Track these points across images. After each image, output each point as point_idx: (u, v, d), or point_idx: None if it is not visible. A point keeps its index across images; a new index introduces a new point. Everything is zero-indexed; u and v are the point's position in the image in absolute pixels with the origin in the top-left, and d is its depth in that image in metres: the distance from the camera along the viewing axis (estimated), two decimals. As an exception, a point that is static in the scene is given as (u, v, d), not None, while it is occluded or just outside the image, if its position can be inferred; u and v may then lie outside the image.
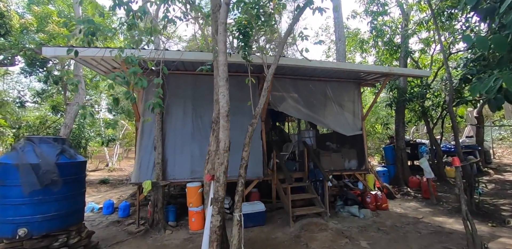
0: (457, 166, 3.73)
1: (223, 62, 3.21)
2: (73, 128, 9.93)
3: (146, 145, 5.38)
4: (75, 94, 7.57)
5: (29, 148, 3.64)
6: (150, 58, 3.52)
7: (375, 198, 5.95)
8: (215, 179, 3.17)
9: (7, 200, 3.37)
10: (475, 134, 8.47)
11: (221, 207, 3.12)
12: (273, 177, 5.89)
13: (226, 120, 3.12)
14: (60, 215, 3.64)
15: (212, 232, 3.08)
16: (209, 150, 3.56)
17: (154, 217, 5.14)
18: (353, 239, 4.47)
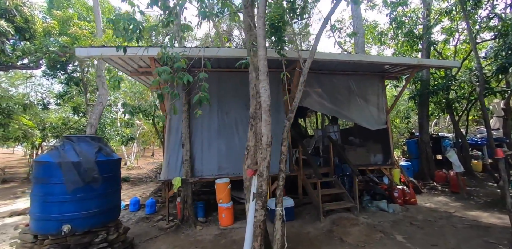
0: (500, 158, 3.60)
1: (263, 57, 3.17)
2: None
3: (174, 142, 5.41)
4: (98, 94, 7.67)
5: (69, 147, 3.70)
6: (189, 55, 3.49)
7: (403, 192, 5.82)
8: (258, 173, 3.14)
9: (51, 198, 3.44)
10: (502, 125, 8.16)
11: (265, 202, 3.11)
12: (299, 172, 5.84)
13: (268, 115, 3.08)
14: (100, 211, 3.69)
15: (256, 226, 3.08)
16: (248, 145, 3.52)
17: (184, 213, 5.17)
18: (387, 233, 4.39)
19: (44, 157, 3.66)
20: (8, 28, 7.03)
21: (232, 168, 5.46)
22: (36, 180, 3.56)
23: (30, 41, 8.03)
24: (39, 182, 3.51)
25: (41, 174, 3.52)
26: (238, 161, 5.52)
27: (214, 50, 4.46)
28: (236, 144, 5.55)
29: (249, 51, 3.65)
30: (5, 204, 7.68)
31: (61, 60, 8.83)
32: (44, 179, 3.48)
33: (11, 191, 9.17)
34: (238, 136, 5.60)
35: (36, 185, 3.55)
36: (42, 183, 3.49)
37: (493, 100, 8.53)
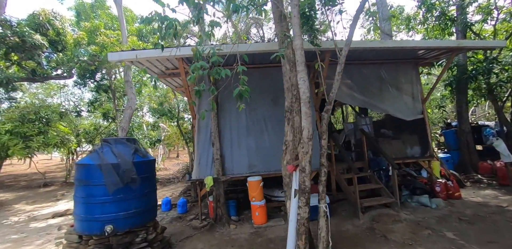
0: None
1: (299, 46, 3.03)
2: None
3: (204, 141, 5.38)
4: (126, 98, 7.87)
5: (107, 149, 3.76)
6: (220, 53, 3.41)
7: (445, 186, 5.42)
8: (301, 169, 3.01)
9: (93, 199, 3.49)
10: None
11: (309, 198, 2.97)
12: (332, 168, 5.61)
13: (308, 107, 2.96)
14: (139, 212, 3.71)
15: (300, 224, 2.96)
16: (286, 140, 3.38)
17: (217, 212, 5.13)
18: (434, 230, 4.08)
19: (84, 159, 3.74)
20: (43, 41, 7.40)
21: (262, 165, 5.35)
22: (78, 182, 3.64)
23: (62, 53, 8.42)
24: (81, 184, 3.58)
25: (82, 176, 3.60)
26: (268, 158, 5.41)
27: (245, 45, 4.36)
28: (266, 141, 5.44)
29: (280, 43, 3.51)
30: (48, 206, 8.11)
31: (91, 69, 9.17)
32: (86, 181, 3.55)
33: (52, 194, 9.69)
34: (267, 132, 5.48)
35: (79, 187, 3.64)
36: (84, 185, 3.56)
37: None
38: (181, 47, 3.92)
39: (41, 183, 10.79)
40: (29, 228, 6.19)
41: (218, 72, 2.75)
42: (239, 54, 3.19)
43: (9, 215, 7.45)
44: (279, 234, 4.42)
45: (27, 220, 6.91)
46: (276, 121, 5.52)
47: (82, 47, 8.74)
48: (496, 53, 6.64)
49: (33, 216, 7.19)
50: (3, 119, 7.25)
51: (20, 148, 6.50)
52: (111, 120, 12.25)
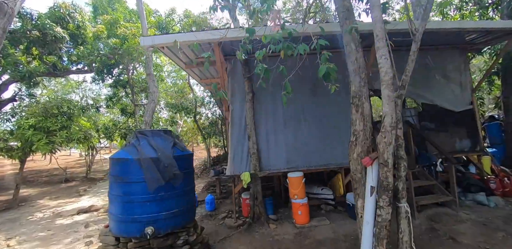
0: None
1: (379, 19, 2.51)
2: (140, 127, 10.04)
3: (237, 134, 4.90)
4: (149, 92, 7.44)
5: (144, 142, 3.30)
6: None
7: (501, 183, 4.82)
8: (382, 162, 2.50)
9: (132, 197, 3.05)
10: None
11: (391, 197, 2.47)
12: (374, 163, 5.06)
13: (391, 89, 2.42)
14: (180, 211, 3.27)
15: (381, 227, 2.48)
16: (355, 130, 2.86)
17: (254, 210, 4.67)
18: (507, 232, 3.52)
19: (120, 153, 3.28)
20: (64, 34, 7.00)
21: (301, 160, 4.85)
22: (114, 178, 3.20)
23: (82, 46, 8.03)
24: (118, 180, 3.14)
25: (119, 172, 3.16)
26: (308, 153, 4.89)
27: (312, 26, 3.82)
28: (304, 134, 4.92)
29: (343, 20, 2.97)
30: (71, 202, 7.81)
31: (110, 62, 8.77)
32: (123, 177, 3.10)
33: (74, 190, 9.41)
34: (306, 125, 4.96)
35: (114, 184, 3.20)
36: (121, 181, 3.11)
37: None
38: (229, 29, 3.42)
39: (63, 179, 10.54)
40: (55, 225, 5.85)
41: (290, 48, 2.24)
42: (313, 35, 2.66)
43: (34, 211, 7.16)
44: (328, 235, 3.93)
45: (53, 216, 6.59)
46: (316, 113, 5.00)
47: (102, 40, 8.32)
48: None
49: (57, 212, 6.87)
50: (26, 114, 6.90)
51: (44, 143, 6.14)
52: (129, 115, 11.90)
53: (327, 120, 4.99)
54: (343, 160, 4.90)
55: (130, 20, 9.65)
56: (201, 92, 13.68)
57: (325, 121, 4.98)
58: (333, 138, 4.92)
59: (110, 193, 3.28)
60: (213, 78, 6.76)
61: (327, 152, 4.89)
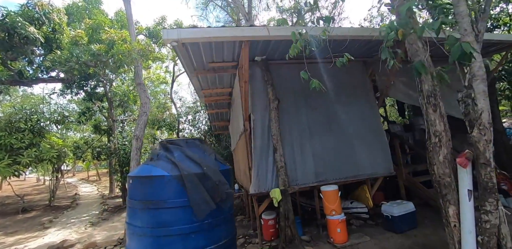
0: None
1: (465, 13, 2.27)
2: (125, 144, 8.72)
3: (261, 147, 4.23)
4: (141, 103, 6.43)
5: (178, 153, 2.50)
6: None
7: (511, 184, 4.84)
8: (484, 162, 2.16)
9: (171, 230, 2.18)
10: None
11: (498, 200, 2.16)
12: (399, 171, 4.77)
13: (485, 85, 2.17)
14: (230, 241, 2.46)
15: (490, 234, 2.14)
16: (437, 131, 2.53)
17: (286, 232, 3.93)
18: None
19: (148, 169, 2.41)
20: (38, 35, 5.81)
21: (330, 172, 4.33)
22: (141, 204, 2.30)
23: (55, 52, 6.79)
24: (149, 207, 2.26)
25: (150, 194, 2.28)
26: (337, 164, 4.39)
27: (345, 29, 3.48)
28: (331, 144, 4.46)
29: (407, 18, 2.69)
30: (35, 237, 6.07)
31: (88, 72, 7.59)
32: (157, 202, 2.24)
33: (36, 221, 7.51)
34: (332, 134, 4.52)
35: (142, 212, 2.30)
36: (154, 208, 2.24)
37: None
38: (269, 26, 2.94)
39: (19, 208, 8.39)
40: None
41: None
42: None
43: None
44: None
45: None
46: (340, 121, 4.61)
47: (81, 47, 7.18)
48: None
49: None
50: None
51: (5, 164, 4.69)
52: (103, 132, 10.36)
53: (352, 129, 4.63)
54: (371, 170, 4.52)
55: (112, 28, 8.64)
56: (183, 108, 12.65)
57: (350, 130, 4.61)
58: (360, 147, 4.55)
59: (131, 225, 2.35)
60: (216, 88, 6.09)
61: (356, 162, 4.47)
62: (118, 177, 8.90)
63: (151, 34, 8.15)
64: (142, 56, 6.61)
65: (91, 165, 18.34)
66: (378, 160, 4.56)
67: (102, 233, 5.83)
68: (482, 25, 2.52)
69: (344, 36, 3.42)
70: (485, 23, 2.76)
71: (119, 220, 7.47)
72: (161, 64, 11.83)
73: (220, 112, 8.18)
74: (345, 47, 3.86)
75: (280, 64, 4.72)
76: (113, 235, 5.77)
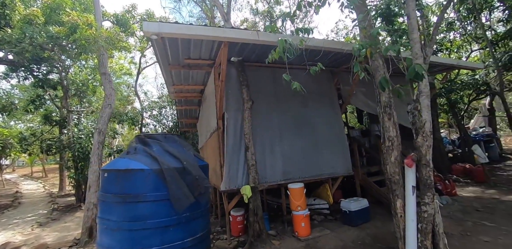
0: None
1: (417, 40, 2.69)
2: (82, 138, 8.09)
3: (233, 145, 4.39)
4: (105, 95, 6.07)
5: (157, 148, 2.55)
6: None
7: (444, 185, 5.78)
8: (425, 163, 2.65)
9: (148, 223, 2.24)
10: (488, 124, 9.07)
11: (434, 194, 2.65)
12: (356, 172, 5.33)
13: (429, 100, 2.73)
14: (205, 235, 2.59)
15: (427, 222, 2.60)
16: (390, 136, 2.95)
17: (254, 228, 4.14)
18: (473, 221, 4.15)
19: (125, 162, 2.41)
20: (-18, 8, 5.11)
21: (297, 171, 4.68)
22: (116, 198, 2.30)
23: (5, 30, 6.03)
24: (125, 200, 2.27)
25: (128, 188, 2.30)
26: (304, 164, 4.77)
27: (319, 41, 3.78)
28: (299, 145, 4.81)
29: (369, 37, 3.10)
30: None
31: (42, 55, 6.91)
32: (135, 195, 2.26)
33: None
34: (300, 136, 4.87)
35: (117, 207, 2.30)
36: (131, 201, 2.26)
37: (480, 102, 9.50)
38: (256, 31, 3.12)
39: None
40: None
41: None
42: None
43: None
44: (337, 244, 3.80)
45: None
46: (307, 124, 5.00)
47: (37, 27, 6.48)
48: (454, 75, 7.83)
49: None
50: None
51: None
52: (54, 123, 9.44)
53: (318, 132, 5.05)
54: (333, 170, 4.99)
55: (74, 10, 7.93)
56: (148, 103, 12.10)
57: (316, 132, 5.03)
58: (324, 149, 4.99)
59: (104, 220, 2.33)
60: (188, 84, 6.06)
61: (320, 162, 4.89)
62: (72, 173, 8.18)
63: (119, 21, 7.64)
64: (109, 45, 6.26)
65: (36, 160, 16.34)
66: (339, 161, 5.06)
67: (52, 234, 5.37)
68: (430, 50, 3.02)
69: (317, 47, 3.76)
70: (431, 48, 3.30)
71: (72, 220, 6.92)
72: (126, 54, 11.17)
73: (189, 109, 8.10)
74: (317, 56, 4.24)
75: (255, 66, 4.93)
76: (66, 236, 5.35)
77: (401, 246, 2.78)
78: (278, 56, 2.76)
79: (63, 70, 8.37)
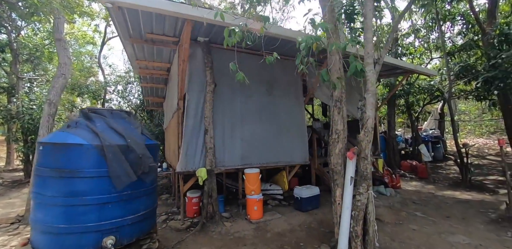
0: (502, 146, 4.23)
1: (371, 39, 2.78)
2: (33, 109, 7.47)
3: (192, 127, 4.36)
4: (59, 63, 5.56)
5: (101, 124, 2.45)
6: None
7: (391, 178, 6.34)
8: (363, 156, 2.81)
9: (86, 199, 2.19)
10: (437, 126, 9.96)
11: (369, 185, 2.86)
12: (313, 161, 5.62)
13: (375, 98, 2.90)
14: (148, 213, 2.61)
15: (360, 210, 2.85)
16: (337, 129, 3.09)
17: (207, 209, 4.25)
18: (407, 212, 4.65)
19: (64, 136, 2.30)
20: None
21: (255, 157, 4.81)
22: (52, 172, 2.21)
23: None
24: (61, 175, 2.19)
25: (64, 163, 2.21)
26: (262, 150, 4.91)
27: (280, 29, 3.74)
28: (259, 131, 4.92)
29: (330, 33, 3.16)
30: None
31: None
32: (72, 170, 2.19)
33: None
34: (261, 123, 4.97)
35: (52, 181, 2.22)
36: (68, 176, 2.19)
37: (434, 106, 10.30)
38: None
39: None
40: None
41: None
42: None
43: None
44: (285, 227, 4.05)
45: None
46: (270, 112, 5.10)
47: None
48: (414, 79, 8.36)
49: None
50: None
51: None
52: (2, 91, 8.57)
53: (279, 120, 5.17)
54: (290, 158, 5.20)
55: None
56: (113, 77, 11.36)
57: (277, 121, 5.15)
58: (284, 137, 5.15)
59: (40, 195, 2.24)
60: (153, 61, 5.76)
61: (279, 150, 5.06)
62: (20, 147, 7.58)
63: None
64: (66, 8, 5.67)
65: (-23, 130, 14.77)
66: (297, 150, 5.27)
67: (-6, 210, 5.06)
68: (384, 52, 3.17)
69: (279, 35, 3.74)
70: (386, 50, 3.44)
71: (18, 196, 6.52)
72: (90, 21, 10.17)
73: (156, 88, 7.77)
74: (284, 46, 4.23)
75: (222, 49, 4.76)
76: (9, 212, 5.05)
77: (336, 231, 3.04)
78: (236, 41, 2.71)
79: (12, 31, 7.47)
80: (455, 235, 3.66)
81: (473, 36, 7.21)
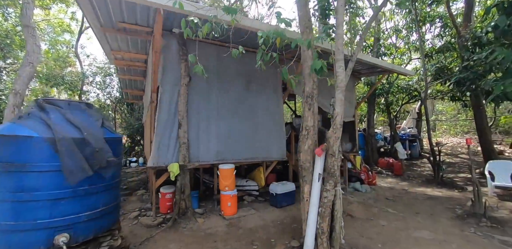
0: (469, 145, 4.39)
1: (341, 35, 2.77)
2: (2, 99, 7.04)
3: (166, 121, 4.25)
4: (27, 50, 5.25)
5: (56, 115, 2.31)
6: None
7: (367, 175, 6.48)
8: (331, 153, 2.80)
9: (35, 195, 2.07)
10: (415, 125, 10.27)
11: (337, 182, 2.86)
12: (290, 157, 5.63)
13: (343, 95, 2.89)
14: (108, 210, 2.51)
15: (326, 207, 2.84)
16: (307, 126, 3.07)
17: (180, 205, 4.18)
18: (378, 208, 4.76)
19: (13, 128, 2.15)
20: None
21: (231, 153, 4.76)
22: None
23: None
24: (8, 169, 2.05)
25: (11, 156, 2.07)
26: (237, 146, 4.85)
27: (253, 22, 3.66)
28: (236, 127, 4.86)
29: (304, 29, 3.13)
30: None
31: None
32: (19, 164, 2.05)
33: None
34: (238, 118, 4.91)
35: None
36: (15, 171, 2.05)
37: (412, 106, 10.59)
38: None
39: None
40: None
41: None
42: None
43: None
44: (257, 223, 4.04)
45: None
46: (247, 107, 5.04)
47: None
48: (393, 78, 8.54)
49: None
50: None
51: None
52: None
53: (257, 115, 5.13)
54: (267, 154, 5.18)
55: None
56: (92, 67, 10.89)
57: (255, 116, 5.11)
58: (260, 134, 5.12)
59: (-18, 189, 2.09)
60: (129, 52, 5.54)
61: (255, 146, 5.03)
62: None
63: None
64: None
65: None
66: (274, 146, 5.26)
67: None
68: (357, 49, 3.17)
69: (251, 28, 3.68)
70: (360, 48, 3.46)
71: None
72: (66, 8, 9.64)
73: (134, 80, 7.52)
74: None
75: (200, 42, 4.64)
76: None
77: (304, 227, 3.04)
78: (206, 33, 2.62)
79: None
80: (421, 230, 3.77)
81: (450, 39, 7.43)
